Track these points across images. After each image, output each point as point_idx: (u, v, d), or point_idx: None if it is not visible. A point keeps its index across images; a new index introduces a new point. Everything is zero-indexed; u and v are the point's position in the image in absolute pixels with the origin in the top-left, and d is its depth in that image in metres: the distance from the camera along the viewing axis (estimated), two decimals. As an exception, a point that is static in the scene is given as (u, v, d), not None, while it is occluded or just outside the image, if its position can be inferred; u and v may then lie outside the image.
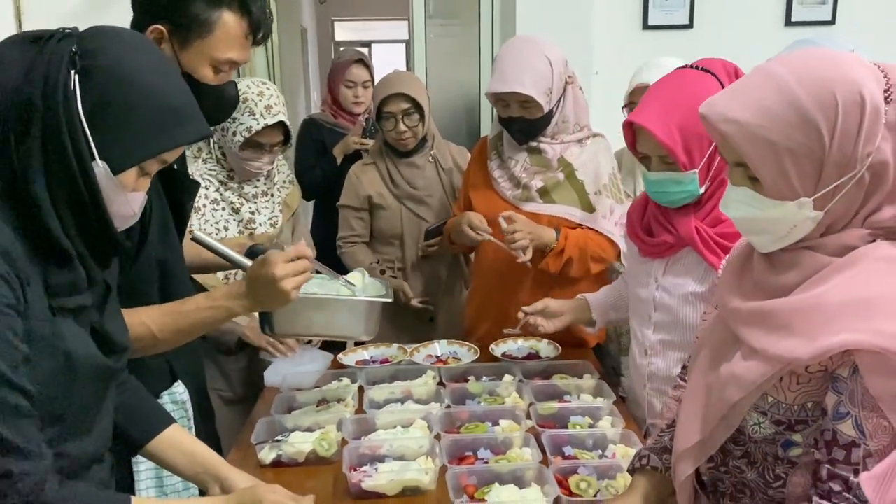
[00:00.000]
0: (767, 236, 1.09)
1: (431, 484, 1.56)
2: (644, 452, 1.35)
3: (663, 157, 1.57)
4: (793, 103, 1.00)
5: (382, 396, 1.91)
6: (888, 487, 0.96)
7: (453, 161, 2.64)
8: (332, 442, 1.68)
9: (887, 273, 1.01)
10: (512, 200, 2.20)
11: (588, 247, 2.14)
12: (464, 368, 2.06)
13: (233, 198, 2.20)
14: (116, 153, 1.08)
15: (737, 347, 1.13)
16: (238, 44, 1.52)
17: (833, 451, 1.03)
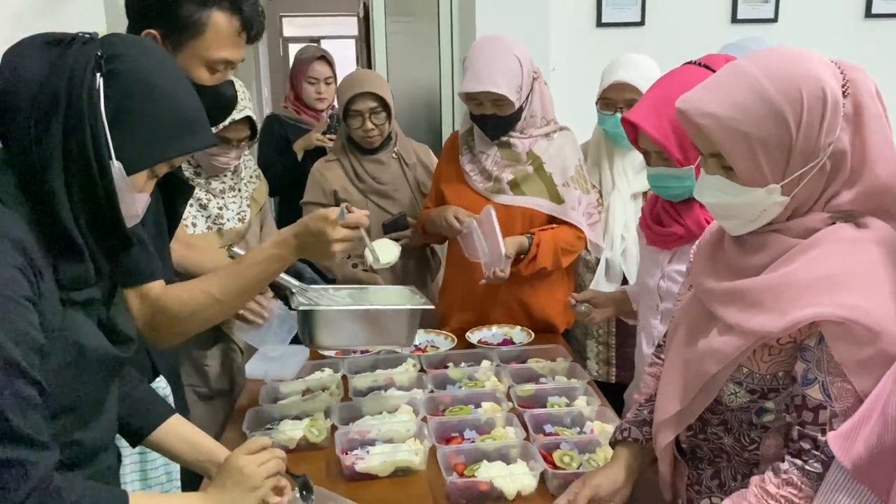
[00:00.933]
0: (739, 220, 1.19)
1: (422, 464, 1.63)
2: (625, 425, 1.45)
3: (660, 153, 1.63)
4: (763, 98, 1.10)
5: (366, 384, 1.98)
6: (852, 443, 1.06)
7: (416, 157, 2.71)
8: (322, 428, 1.74)
9: (847, 252, 1.12)
10: (484, 193, 2.29)
11: (558, 246, 2.24)
12: (443, 355, 2.14)
13: (200, 194, 2.22)
14: (132, 155, 1.12)
15: (713, 324, 1.23)
16: (231, 42, 1.55)
17: (802, 414, 1.13)
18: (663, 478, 1.39)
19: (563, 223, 2.27)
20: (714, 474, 1.32)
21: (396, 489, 1.59)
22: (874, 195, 1.14)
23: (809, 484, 1.11)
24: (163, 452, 1.41)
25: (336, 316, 1.71)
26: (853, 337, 1.08)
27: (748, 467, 1.26)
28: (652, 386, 1.49)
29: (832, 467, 1.09)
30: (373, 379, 2.00)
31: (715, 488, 1.31)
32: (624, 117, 1.67)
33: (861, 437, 1.04)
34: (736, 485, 1.26)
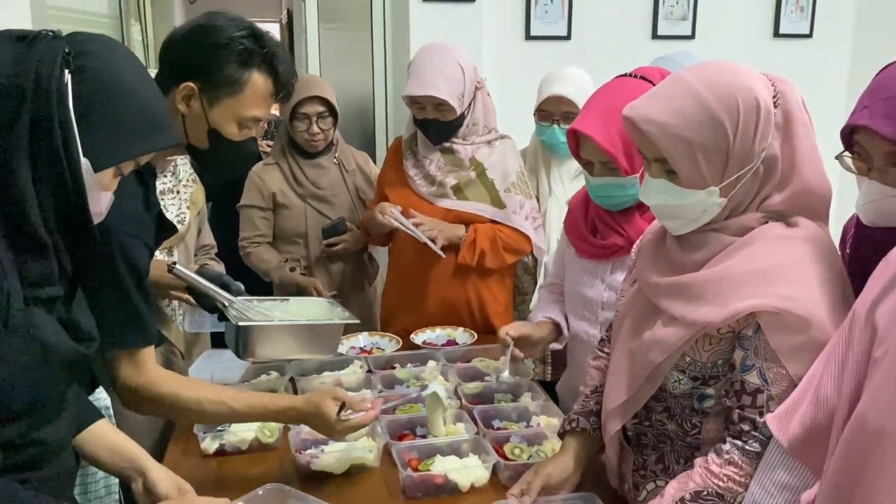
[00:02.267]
0: (681, 220, 1.29)
1: (376, 461, 1.66)
2: (573, 416, 1.53)
3: (605, 163, 1.67)
4: (703, 106, 1.19)
5: (313, 386, 1.98)
6: (788, 423, 1.16)
7: (356, 164, 2.75)
8: (274, 429, 1.75)
9: (779, 248, 1.23)
10: (427, 197, 2.35)
11: (499, 238, 2.31)
12: (389, 357, 2.17)
13: None
14: (99, 152, 1.12)
15: (657, 316, 1.32)
16: (264, 102, 1.56)
17: (742, 398, 1.23)
18: (610, 464, 1.47)
19: (505, 227, 2.34)
20: (658, 459, 1.40)
21: (352, 486, 1.61)
22: (802, 197, 1.25)
23: (749, 463, 1.20)
24: (84, 457, 1.38)
25: (275, 330, 1.79)
26: (786, 325, 1.18)
27: (690, 451, 1.35)
28: (597, 378, 1.58)
29: (770, 446, 1.19)
30: (320, 381, 2.01)
31: (659, 472, 1.40)
32: (571, 128, 1.69)
33: (796, 418, 1.14)
34: (679, 468, 1.35)
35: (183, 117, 1.51)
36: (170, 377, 1.49)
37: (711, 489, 1.22)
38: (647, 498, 1.38)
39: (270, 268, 2.62)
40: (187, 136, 1.54)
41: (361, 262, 2.80)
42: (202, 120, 1.51)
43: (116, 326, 1.37)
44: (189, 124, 1.52)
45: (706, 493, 1.22)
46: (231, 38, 1.50)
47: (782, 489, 1.16)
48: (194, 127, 1.53)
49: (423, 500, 1.54)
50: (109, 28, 3.36)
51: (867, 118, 1.16)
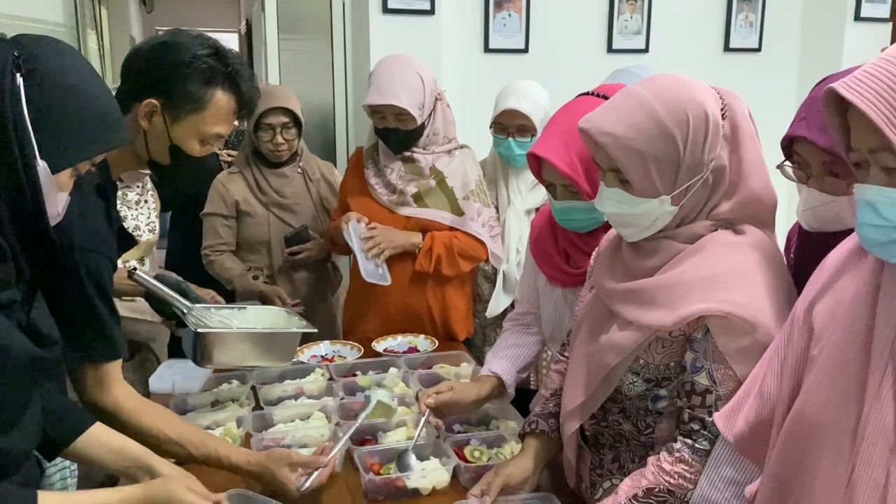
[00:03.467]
0: (635, 228, 1.33)
1: (339, 466, 1.68)
2: (533, 419, 1.56)
3: (567, 186, 1.62)
4: (655, 119, 1.24)
5: (276, 394, 2.00)
6: (734, 421, 1.22)
7: (320, 174, 2.77)
8: (236, 437, 1.76)
9: (727, 255, 1.28)
10: (388, 205, 2.38)
11: (454, 245, 2.35)
12: (350, 364, 2.19)
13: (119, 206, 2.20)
14: (55, 154, 1.13)
15: (612, 321, 1.36)
16: (227, 119, 1.57)
17: (692, 398, 1.28)
18: (569, 464, 1.52)
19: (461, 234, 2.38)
20: (614, 458, 1.45)
21: (315, 491, 1.60)
22: (749, 205, 1.31)
23: (699, 460, 1.26)
24: (86, 463, 1.39)
25: (233, 337, 1.80)
26: (733, 328, 1.23)
27: (644, 450, 1.40)
28: (557, 381, 1.62)
29: (717, 443, 1.24)
30: (282, 389, 2.02)
31: (615, 471, 1.45)
32: (531, 152, 1.65)
33: (741, 415, 1.20)
34: (634, 466, 1.39)
35: (144, 133, 1.52)
36: (134, 401, 1.48)
37: (663, 486, 1.27)
38: (604, 496, 1.42)
39: (233, 276, 2.62)
40: (148, 152, 1.54)
41: (325, 271, 2.81)
42: (164, 136, 1.52)
43: (82, 341, 1.37)
44: (151, 140, 1.53)
45: (658, 490, 1.27)
46: (195, 56, 1.51)
47: (728, 483, 1.21)
48: (156, 143, 1.53)
49: (385, 502, 1.57)
50: (65, 36, 3.32)
51: (804, 129, 1.23)
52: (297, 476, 1.49)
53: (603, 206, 1.35)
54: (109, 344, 1.42)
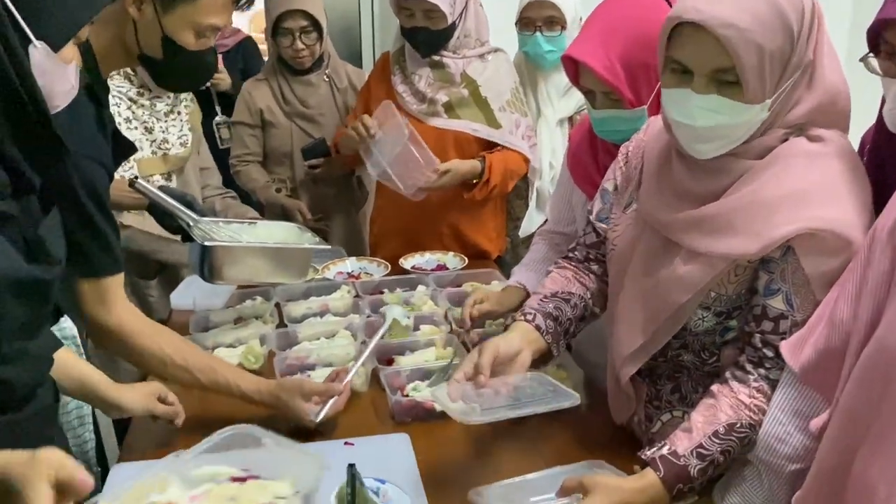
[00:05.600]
0: (720, 142, 1.13)
1: (364, 386, 1.61)
2: (530, 310, 1.38)
3: (608, 93, 1.46)
4: (778, 9, 1.07)
5: (300, 311, 1.93)
6: (801, 349, 1.11)
7: (349, 81, 2.63)
8: (259, 355, 1.70)
9: (809, 167, 1.12)
10: (417, 115, 2.24)
11: (508, 168, 2.23)
12: (377, 282, 2.11)
13: (145, 116, 2.10)
14: (53, 30, 1.01)
15: (673, 253, 1.21)
16: (223, 10, 1.42)
17: (762, 323, 1.15)
18: (621, 400, 1.39)
19: (504, 148, 2.24)
20: (674, 388, 1.33)
21: (339, 413, 1.56)
22: (826, 105, 1.14)
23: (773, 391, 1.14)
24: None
25: (242, 252, 1.71)
26: (825, 248, 1.09)
27: (709, 379, 1.26)
28: (560, 284, 1.44)
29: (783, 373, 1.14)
30: (307, 306, 1.95)
31: (676, 402, 1.33)
32: (565, 55, 1.49)
33: (810, 343, 1.09)
34: (696, 397, 1.26)
35: (134, 24, 1.38)
36: (139, 324, 1.41)
37: (745, 421, 1.15)
38: (662, 429, 1.31)
39: (257, 187, 2.56)
40: (139, 45, 1.41)
41: (349, 186, 2.71)
42: (156, 27, 1.38)
43: (80, 254, 1.28)
44: (141, 32, 1.39)
45: (739, 426, 1.15)
46: None
47: (793, 416, 1.11)
48: (147, 35, 1.39)
49: (412, 424, 1.50)
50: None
51: None
52: (311, 406, 1.43)
53: (695, 118, 1.13)
54: (108, 257, 1.34)
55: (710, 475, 1.16)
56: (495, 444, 1.46)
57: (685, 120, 1.14)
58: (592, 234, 1.45)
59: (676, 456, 1.15)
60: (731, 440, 1.15)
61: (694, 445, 1.15)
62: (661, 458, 1.15)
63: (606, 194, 1.41)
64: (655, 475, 1.14)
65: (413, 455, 1.40)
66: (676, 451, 1.15)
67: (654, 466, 1.15)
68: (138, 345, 1.39)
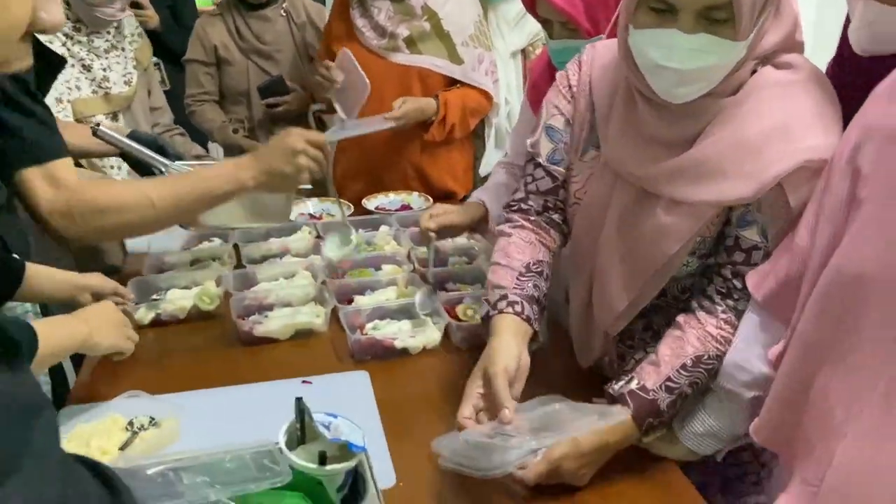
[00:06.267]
0: (700, 84, 1.06)
1: (323, 325, 1.58)
2: (514, 298, 1.21)
3: (565, 23, 1.41)
4: None
5: (259, 253, 1.88)
6: (764, 281, 1.09)
7: (307, 16, 2.54)
8: (214, 296, 1.65)
9: (784, 97, 1.08)
10: (378, 51, 2.17)
11: (467, 106, 2.17)
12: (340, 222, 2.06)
13: (82, 53, 1.99)
14: None
15: (651, 205, 1.15)
16: None
17: (734, 255, 1.12)
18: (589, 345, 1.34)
19: (464, 85, 2.18)
20: (646, 326, 1.30)
21: (298, 351, 1.54)
22: (791, 30, 1.10)
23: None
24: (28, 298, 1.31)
25: None
26: (810, 176, 1.05)
27: (679, 313, 1.22)
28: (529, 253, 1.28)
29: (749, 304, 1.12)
30: (267, 248, 1.90)
31: (649, 339, 1.30)
32: None
33: (773, 272, 1.07)
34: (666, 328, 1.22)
35: None
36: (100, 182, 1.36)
37: (712, 353, 1.13)
38: (635, 367, 1.24)
39: (213, 128, 2.49)
40: None
41: (309, 127, 2.63)
42: None
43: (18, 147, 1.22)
44: None
45: (706, 358, 1.13)
46: None
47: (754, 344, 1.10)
48: None
49: (372, 362, 1.47)
50: None
51: None
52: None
53: (684, 61, 1.03)
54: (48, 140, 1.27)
55: (678, 408, 1.15)
56: (456, 381, 1.44)
57: (671, 63, 1.03)
58: (547, 179, 1.29)
59: (646, 390, 1.13)
60: (699, 372, 1.13)
61: (662, 379, 1.13)
62: (631, 394, 1.13)
63: (555, 133, 1.28)
64: (625, 411, 1.12)
65: (372, 392, 1.38)
66: (645, 386, 1.13)
67: (622, 402, 1.13)
68: (112, 202, 1.30)
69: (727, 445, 1.18)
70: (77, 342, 1.19)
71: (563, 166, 1.28)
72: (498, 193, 1.66)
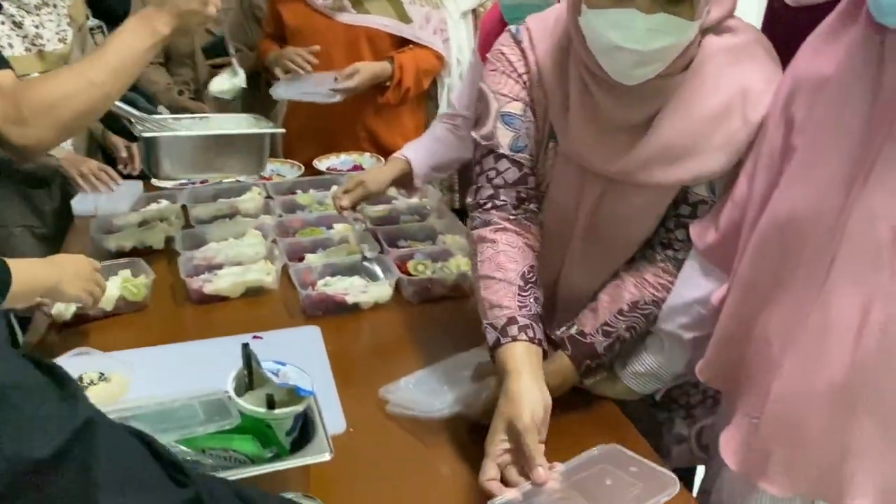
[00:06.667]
0: (657, 65, 1.03)
1: (274, 283, 1.59)
2: (524, 322, 1.09)
3: None
4: None
5: (208, 214, 1.87)
6: (706, 231, 1.12)
7: None
8: (141, 286, 1.51)
9: (735, 63, 1.07)
10: (324, 11, 2.14)
11: (420, 68, 2.16)
12: (291, 182, 2.06)
13: (11, 10, 1.93)
14: None
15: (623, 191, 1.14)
16: None
17: (680, 207, 1.14)
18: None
19: (415, 45, 2.18)
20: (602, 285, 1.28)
21: (249, 309, 1.55)
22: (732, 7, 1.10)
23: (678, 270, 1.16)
24: None
25: (187, 143, 1.60)
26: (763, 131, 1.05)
27: None
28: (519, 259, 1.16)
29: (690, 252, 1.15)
30: (216, 208, 1.89)
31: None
32: None
33: (715, 221, 1.10)
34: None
35: None
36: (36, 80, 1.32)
37: (648, 298, 1.17)
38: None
39: (158, 90, 2.43)
40: None
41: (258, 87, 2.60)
42: None
43: None
44: None
45: (643, 303, 1.17)
46: None
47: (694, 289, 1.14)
48: None
49: (324, 318, 1.49)
50: None
51: None
52: None
53: (647, 43, 0.99)
54: None
55: (618, 351, 1.19)
56: (407, 334, 1.46)
57: (631, 45, 0.99)
58: (514, 170, 1.18)
59: (583, 335, 1.17)
60: (636, 316, 1.17)
61: (599, 323, 1.18)
62: (569, 338, 1.18)
63: (513, 119, 1.19)
64: (565, 355, 1.16)
65: (323, 346, 1.40)
66: (583, 331, 1.18)
67: (562, 346, 1.17)
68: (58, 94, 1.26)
69: (667, 385, 1.23)
70: (46, 286, 1.19)
71: (527, 153, 1.18)
72: (430, 149, 1.67)
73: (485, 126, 1.19)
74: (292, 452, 0.97)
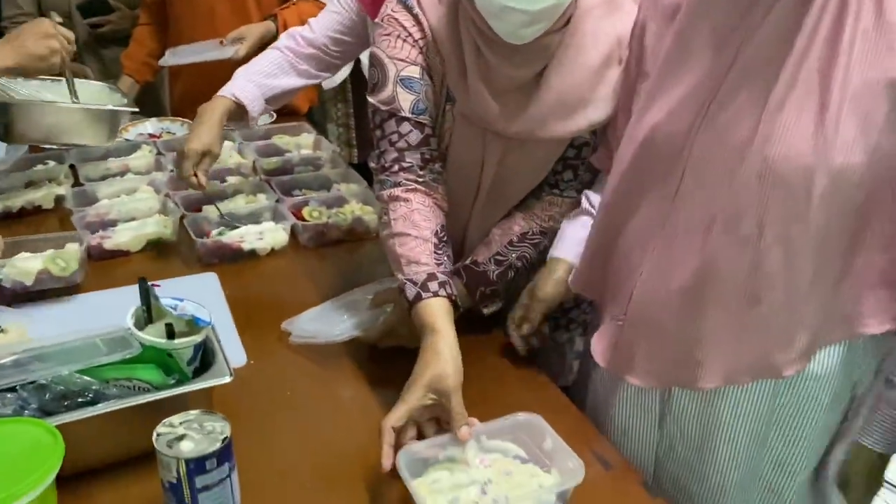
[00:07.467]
0: (544, 24, 1.08)
1: (173, 235, 1.61)
2: (443, 278, 1.12)
3: None
4: None
5: (98, 173, 1.85)
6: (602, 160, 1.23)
7: None
8: (70, 258, 1.42)
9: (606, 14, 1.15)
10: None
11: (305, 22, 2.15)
12: (180, 139, 2.05)
13: None
14: None
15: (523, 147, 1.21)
16: None
17: (567, 151, 1.24)
18: None
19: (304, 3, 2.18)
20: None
21: (147, 261, 1.56)
22: None
23: (569, 203, 1.27)
24: None
25: (37, 110, 1.60)
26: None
27: None
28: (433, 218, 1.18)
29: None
30: (106, 167, 1.87)
31: None
32: None
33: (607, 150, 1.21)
34: None
35: None
36: None
37: (535, 229, 1.28)
38: None
39: None
40: None
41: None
42: None
43: None
44: None
45: (531, 234, 1.28)
46: None
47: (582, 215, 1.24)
48: None
49: (221, 265, 1.53)
50: None
51: None
52: None
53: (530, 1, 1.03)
54: None
55: (510, 279, 1.28)
56: (304, 278, 1.52)
57: (521, 5, 1.03)
58: (416, 132, 1.19)
59: (477, 264, 1.27)
60: (525, 246, 1.28)
61: (492, 254, 1.28)
62: (464, 267, 1.28)
63: (413, 83, 1.19)
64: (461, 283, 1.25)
65: (221, 290, 1.44)
66: (477, 260, 1.28)
67: (458, 275, 1.26)
68: None
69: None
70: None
71: (428, 115, 1.20)
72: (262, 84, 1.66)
73: (383, 91, 1.19)
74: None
